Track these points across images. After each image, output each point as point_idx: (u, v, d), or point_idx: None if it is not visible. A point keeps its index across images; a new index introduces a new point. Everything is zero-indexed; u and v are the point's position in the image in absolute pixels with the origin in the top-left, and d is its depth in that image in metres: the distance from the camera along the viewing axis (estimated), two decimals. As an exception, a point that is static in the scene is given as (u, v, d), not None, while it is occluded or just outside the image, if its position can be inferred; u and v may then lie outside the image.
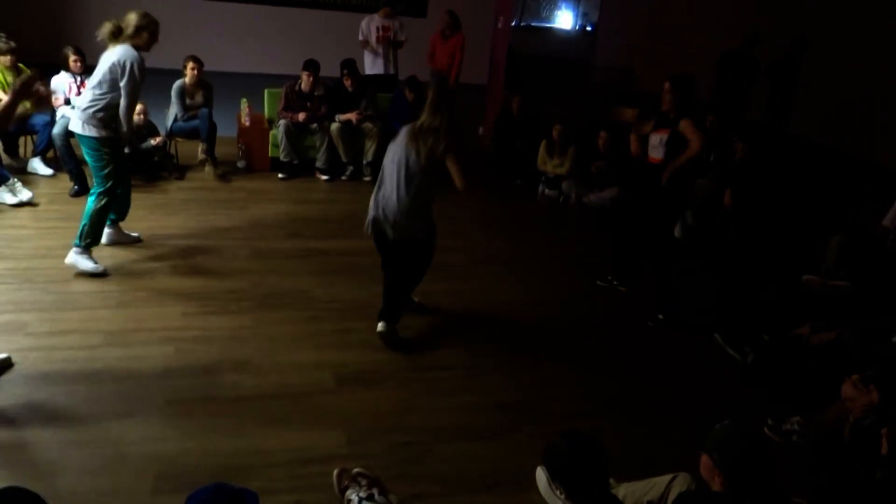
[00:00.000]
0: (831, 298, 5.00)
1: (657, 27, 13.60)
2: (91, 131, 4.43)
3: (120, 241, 5.02)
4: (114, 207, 4.74)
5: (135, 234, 5.12)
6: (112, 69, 4.34)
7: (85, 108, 4.42)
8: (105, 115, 4.42)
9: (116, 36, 4.36)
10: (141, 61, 4.38)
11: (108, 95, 4.39)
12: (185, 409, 3.35)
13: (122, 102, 4.40)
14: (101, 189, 4.56)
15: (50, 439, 3.07)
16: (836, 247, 5.26)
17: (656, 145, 4.57)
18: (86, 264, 4.54)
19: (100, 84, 4.39)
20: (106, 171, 4.54)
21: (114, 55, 4.35)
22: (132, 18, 4.37)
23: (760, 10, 10.95)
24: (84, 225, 4.53)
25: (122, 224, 5.07)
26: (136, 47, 4.38)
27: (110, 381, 3.51)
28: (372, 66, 8.18)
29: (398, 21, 8.18)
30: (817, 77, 9.15)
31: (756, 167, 6.32)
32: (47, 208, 5.63)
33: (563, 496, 2.21)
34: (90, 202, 4.58)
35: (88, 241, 4.56)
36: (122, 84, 4.35)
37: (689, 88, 4.43)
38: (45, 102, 3.85)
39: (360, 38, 8.18)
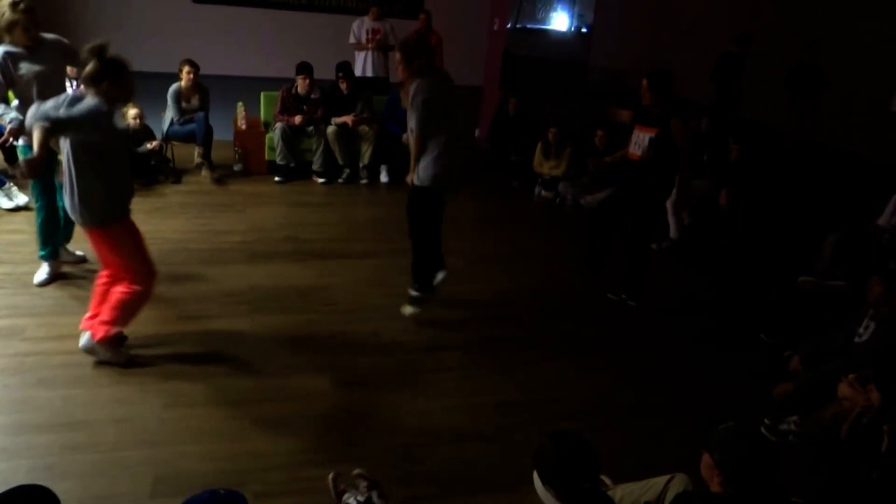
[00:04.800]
0: (828, 298, 5.01)
1: (652, 29, 13.63)
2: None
3: (64, 259, 4.72)
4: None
5: (80, 253, 4.79)
6: None
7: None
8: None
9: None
10: (5, 57, 4.02)
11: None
12: (182, 413, 3.35)
13: None
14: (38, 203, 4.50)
15: (47, 444, 3.07)
16: (832, 246, 5.27)
17: (639, 142, 4.61)
18: (39, 275, 4.49)
19: None
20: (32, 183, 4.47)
21: None
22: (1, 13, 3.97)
23: (755, 12, 10.97)
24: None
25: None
26: (13, 44, 4.04)
27: (107, 386, 3.51)
28: (361, 69, 8.14)
29: (388, 24, 8.17)
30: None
31: (751, 167, 6.34)
32: (43, 213, 5.62)
33: (554, 497, 2.21)
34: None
35: (42, 254, 4.51)
36: None
37: (667, 83, 4.52)
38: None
39: (352, 40, 8.17)
